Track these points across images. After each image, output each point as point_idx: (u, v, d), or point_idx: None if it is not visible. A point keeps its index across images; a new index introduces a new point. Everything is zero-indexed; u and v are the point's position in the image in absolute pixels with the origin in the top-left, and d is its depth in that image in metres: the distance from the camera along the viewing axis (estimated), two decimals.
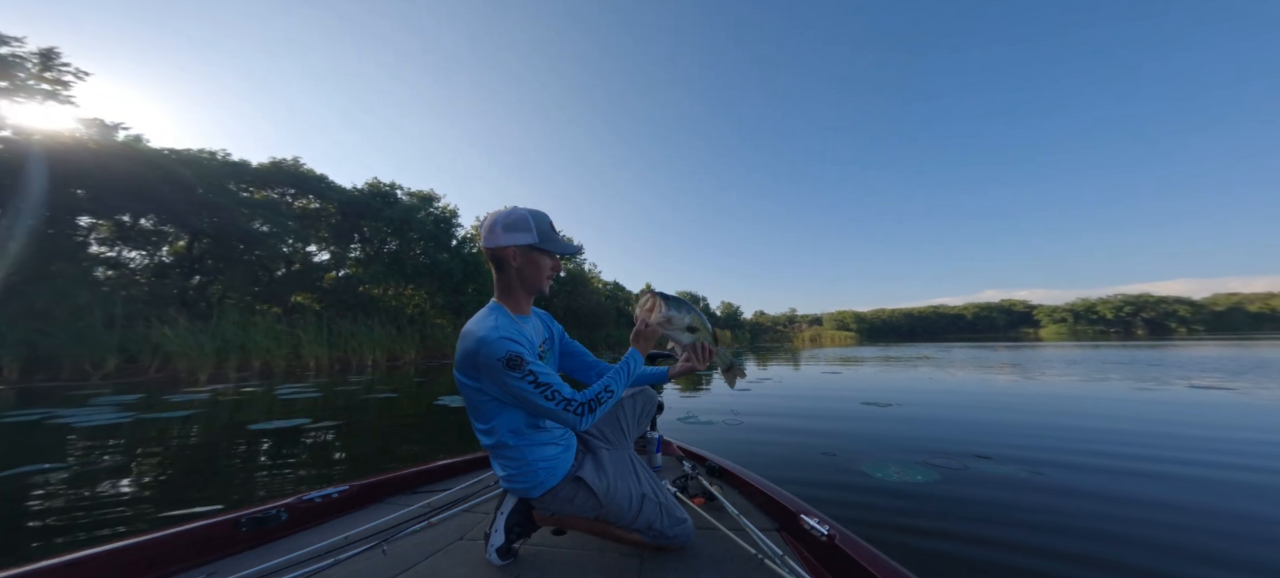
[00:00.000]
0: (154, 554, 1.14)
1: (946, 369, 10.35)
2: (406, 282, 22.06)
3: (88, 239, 14.59)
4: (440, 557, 1.23)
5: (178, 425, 4.64)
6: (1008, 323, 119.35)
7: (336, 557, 1.18)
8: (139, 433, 4.23)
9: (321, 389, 7.85)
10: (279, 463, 3.21)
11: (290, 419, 4.83)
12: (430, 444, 3.88)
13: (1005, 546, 1.87)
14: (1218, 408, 4.92)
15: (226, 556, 1.25)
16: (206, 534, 1.25)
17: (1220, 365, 10.21)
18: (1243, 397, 5.66)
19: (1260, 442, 3.46)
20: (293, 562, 1.15)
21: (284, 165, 19.34)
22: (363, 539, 1.28)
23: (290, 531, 1.40)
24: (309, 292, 18.88)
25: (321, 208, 20.29)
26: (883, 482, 2.65)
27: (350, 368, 13.49)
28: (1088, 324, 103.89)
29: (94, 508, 2.32)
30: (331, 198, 20.14)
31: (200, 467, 3.16)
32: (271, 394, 7.21)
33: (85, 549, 1.08)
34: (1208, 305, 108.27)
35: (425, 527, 1.39)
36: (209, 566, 1.19)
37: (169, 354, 10.88)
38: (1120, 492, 2.45)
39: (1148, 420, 4.30)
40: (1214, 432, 3.78)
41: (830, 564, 1.14)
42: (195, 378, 10.35)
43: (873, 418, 4.56)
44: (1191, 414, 4.59)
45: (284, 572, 1.11)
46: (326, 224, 20.48)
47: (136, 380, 9.82)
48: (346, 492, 1.59)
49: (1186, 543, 1.88)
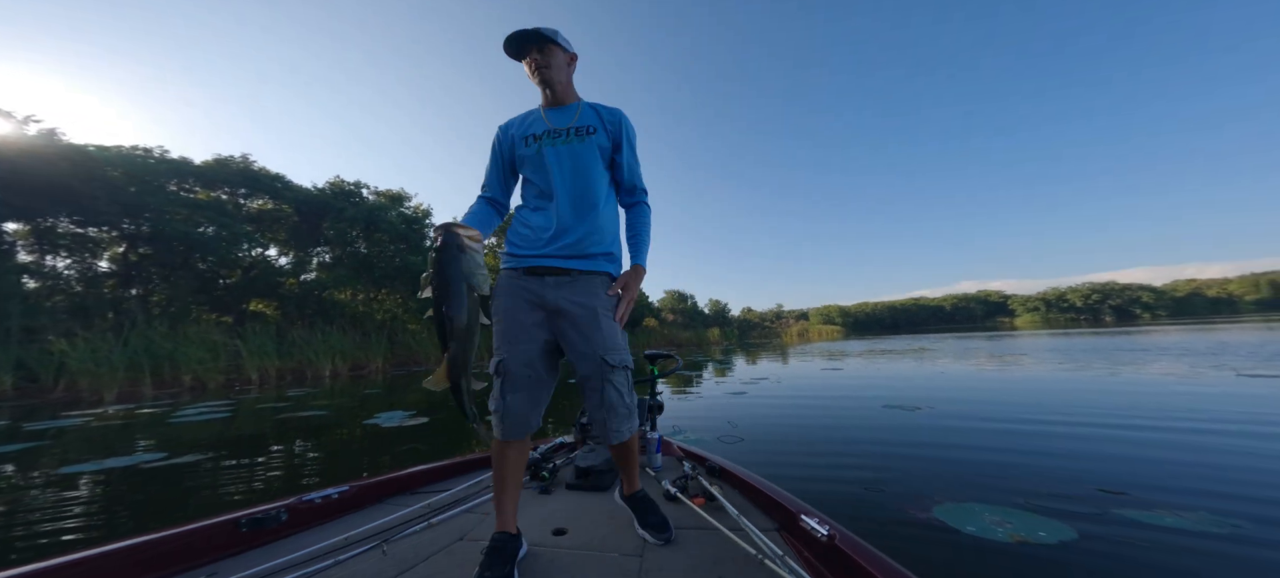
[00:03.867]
0: (154, 554, 1.14)
1: (951, 361, 9.64)
2: (376, 286, 20.75)
3: (14, 247, 13.00)
4: (440, 557, 1.23)
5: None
6: (985, 313, 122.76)
7: (337, 557, 1.19)
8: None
9: (245, 407, 6.66)
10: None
11: (130, 456, 3.69)
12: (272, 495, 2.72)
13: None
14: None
15: (226, 556, 1.24)
16: (206, 534, 1.24)
17: (1231, 350, 9.81)
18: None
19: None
20: (293, 562, 1.15)
21: (231, 163, 17.80)
22: (363, 540, 1.29)
23: (290, 531, 1.39)
24: (267, 299, 17.44)
25: (277, 209, 18.78)
26: (985, 540, 1.78)
27: (304, 380, 12.14)
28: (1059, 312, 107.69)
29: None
30: (287, 197, 18.68)
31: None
32: (167, 417, 5.97)
33: (85, 550, 1.07)
34: (1169, 292, 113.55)
35: (425, 527, 1.40)
36: (209, 566, 1.18)
37: (76, 372, 9.40)
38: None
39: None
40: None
41: (830, 565, 1.12)
42: (99, 397, 8.93)
43: (910, 430, 3.68)
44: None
45: (284, 572, 1.12)
46: (284, 226, 18.98)
47: (31, 403, 8.40)
48: (347, 492, 1.58)
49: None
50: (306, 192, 19.74)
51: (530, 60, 1.25)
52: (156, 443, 4.22)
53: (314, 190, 20.18)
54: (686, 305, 54.50)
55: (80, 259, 14.52)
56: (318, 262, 19.93)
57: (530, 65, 1.25)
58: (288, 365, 12.75)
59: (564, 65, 1.29)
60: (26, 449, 4.19)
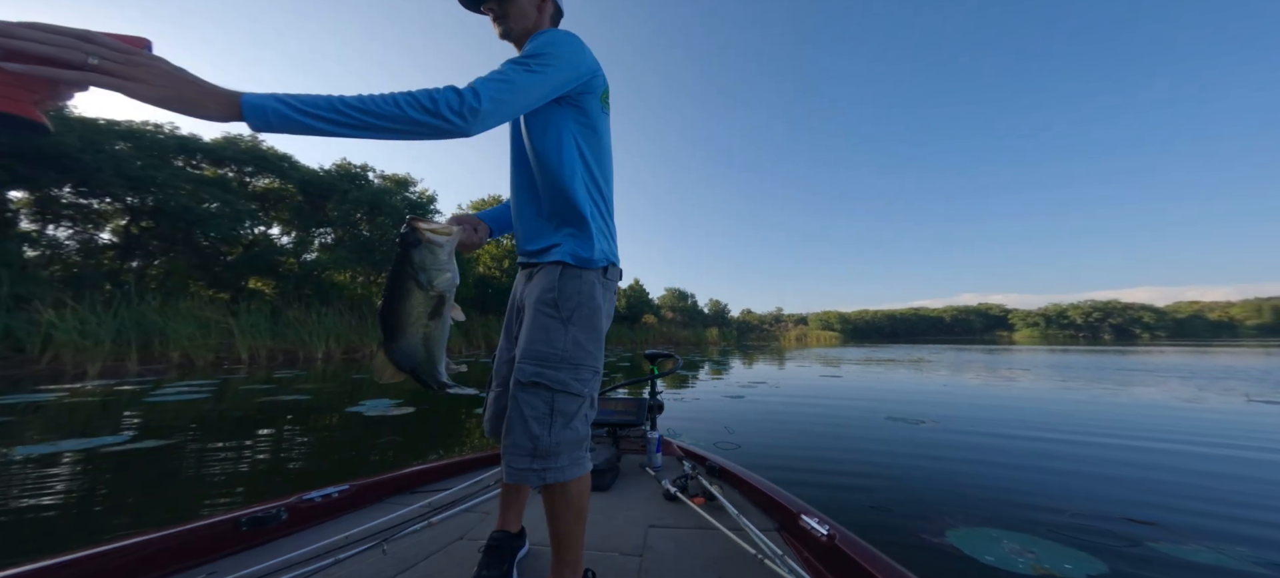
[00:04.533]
0: (154, 554, 1.13)
1: (951, 373, 9.53)
2: (377, 269, 20.69)
3: (17, 216, 12.90)
4: (440, 557, 1.23)
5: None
6: (984, 326, 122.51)
7: (337, 557, 1.19)
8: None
9: (230, 388, 6.56)
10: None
11: (91, 439, 3.44)
12: (235, 501, 2.31)
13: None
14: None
15: (226, 555, 1.23)
16: (206, 534, 1.22)
17: (1238, 374, 9.65)
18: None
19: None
20: (293, 562, 1.15)
21: (240, 141, 17.72)
22: (363, 539, 1.28)
23: (290, 530, 1.37)
24: (267, 277, 17.35)
25: (282, 188, 18.71)
26: (1007, 572, 1.65)
27: (297, 361, 12.02)
28: (1058, 328, 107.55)
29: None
30: (293, 177, 18.61)
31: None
32: (144, 396, 5.84)
33: (84, 549, 1.06)
34: (1170, 313, 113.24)
35: (425, 527, 1.38)
36: (209, 565, 1.17)
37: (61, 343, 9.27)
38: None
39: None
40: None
41: (830, 564, 1.12)
42: (83, 371, 8.81)
43: (916, 444, 3.58)
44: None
45: (284, 572, 1.11)
46: (288, 206, 18.91)
47: (15, 373, 8.30)
48: (347, 491, 1.56)
49: None
50: (312, 172, 19.66)
51: (487, 8, 1.01)
52: (125, 424, 4.06)
53: (320, 172, 20.08)
54: (686, 304, 54.36)
55: (82, 229, 14.48)
56: (319, 243, 19.86)
57: (490, 17, 1.02)
58: (281, 346, 12.63)
59: (530, 9, 1.01)
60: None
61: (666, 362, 2.28)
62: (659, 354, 2.17)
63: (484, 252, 29.36)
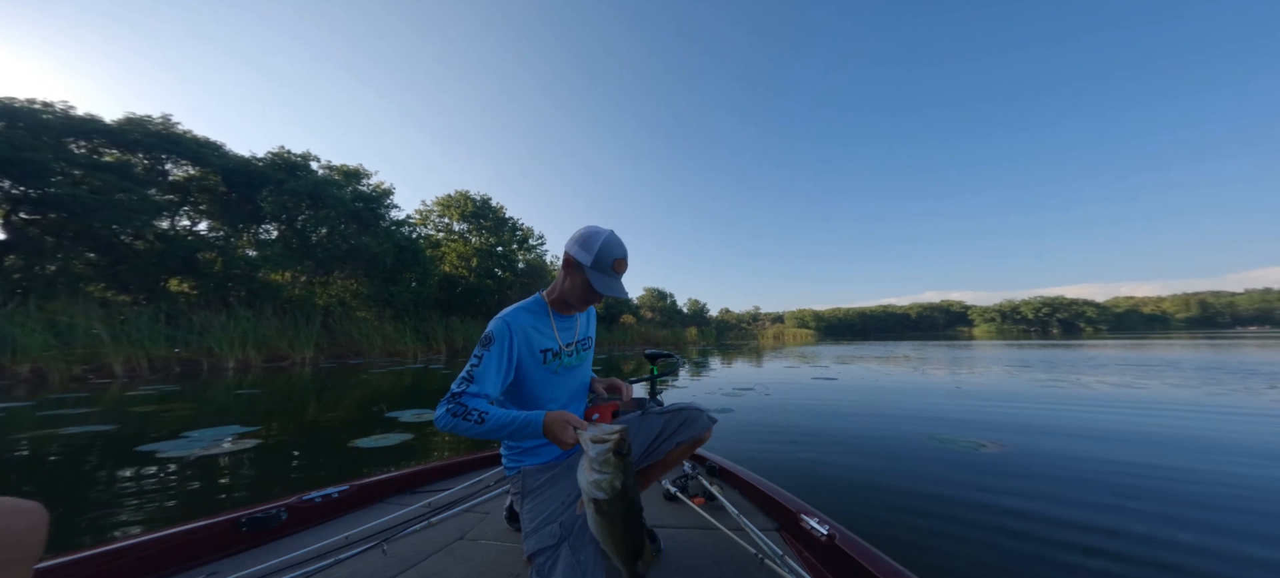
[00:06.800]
0: (154, 554, 1.13)
1: (949, 370, 8.93)
2: (320, 268, 18.74)
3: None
4: (440, 557, 1.25)
5: None
6: (946, 322, 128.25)
7: (336, 557, 1.19)
8: None
9: (17, 415, 4.90)
10: None
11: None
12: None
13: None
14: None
15: (227, 555, 1.23)
16: (207, 534, 1.23)
17: (1212, 366, 9.54)
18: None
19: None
20: (293, 562, 1.15)
21: (147, 123, 15.51)
22: (363, 539, 1.28)
23: (290, 530, 1.38)
24: (185, 277, 15.26)
25: (202, 177, 16.57)
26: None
27: (199, 371, 10.29)
28: (1012, 323, 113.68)
29: None
30: (215, 165, 16.50)
31: None
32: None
33: (86, 549, 1.06)
34: (1110, 308, 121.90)
35: (425, 527, 1.40)
36: (209, 565, 1.18)
37: None
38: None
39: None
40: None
41: (830, 564, 1.12)
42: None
43: (993, 478, 2.67)
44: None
45: (284, 572, 1.11)
46: (211, 197, 16.76)
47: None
48: (347, 492, 1.57)
49: None
50: (240, 160, 17.56)
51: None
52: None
53: (252, 160, 17.97)
54: (665, 304, 53.74)
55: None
56: (259, 239, 17.77)
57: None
58: (183, 355, 10.82)
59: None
60: None
61: (666, 361, 2.27)
62: (659, 354, 2.12)
63: (450, 250, 27.49)
